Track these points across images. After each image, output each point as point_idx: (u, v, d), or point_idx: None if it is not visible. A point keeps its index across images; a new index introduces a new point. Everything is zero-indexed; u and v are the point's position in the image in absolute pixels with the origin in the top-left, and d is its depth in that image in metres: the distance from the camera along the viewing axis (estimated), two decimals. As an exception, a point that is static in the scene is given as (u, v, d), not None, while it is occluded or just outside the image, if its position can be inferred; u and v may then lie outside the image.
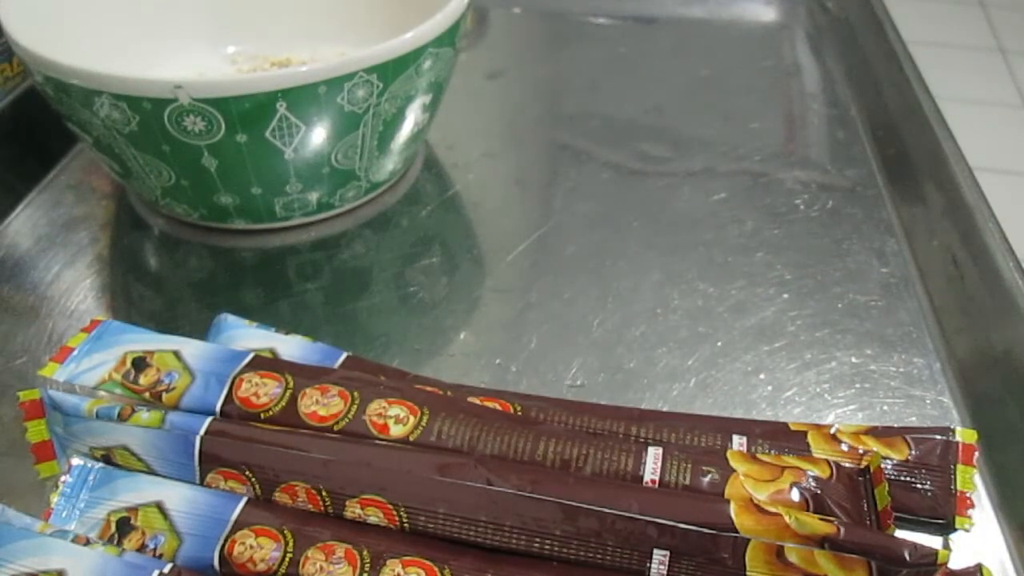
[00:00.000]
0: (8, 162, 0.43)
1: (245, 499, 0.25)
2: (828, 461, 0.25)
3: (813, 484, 0.24)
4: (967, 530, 0.26)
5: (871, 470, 0.25)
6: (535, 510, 0.24)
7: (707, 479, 0.25)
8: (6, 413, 0.31)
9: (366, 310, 0.34)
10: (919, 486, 0.26)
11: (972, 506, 0.26)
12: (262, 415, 0.27)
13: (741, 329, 0.34)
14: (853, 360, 0.32)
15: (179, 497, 0.25)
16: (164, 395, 0.27)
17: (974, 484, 0.26)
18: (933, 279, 0.36)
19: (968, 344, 0.33)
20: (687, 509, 0.23)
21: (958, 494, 0.26)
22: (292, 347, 0.31)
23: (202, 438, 0.26)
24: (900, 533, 0.24)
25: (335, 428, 0.26)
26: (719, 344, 0.33)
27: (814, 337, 0.34)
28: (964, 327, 0.34)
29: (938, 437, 0.27)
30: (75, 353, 0.28)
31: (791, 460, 0.25)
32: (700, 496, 0.25)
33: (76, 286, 0.37)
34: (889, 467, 0.26)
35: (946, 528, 0.26)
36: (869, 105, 0.28)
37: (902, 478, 0.26)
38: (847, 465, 0.26)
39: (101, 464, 0.27)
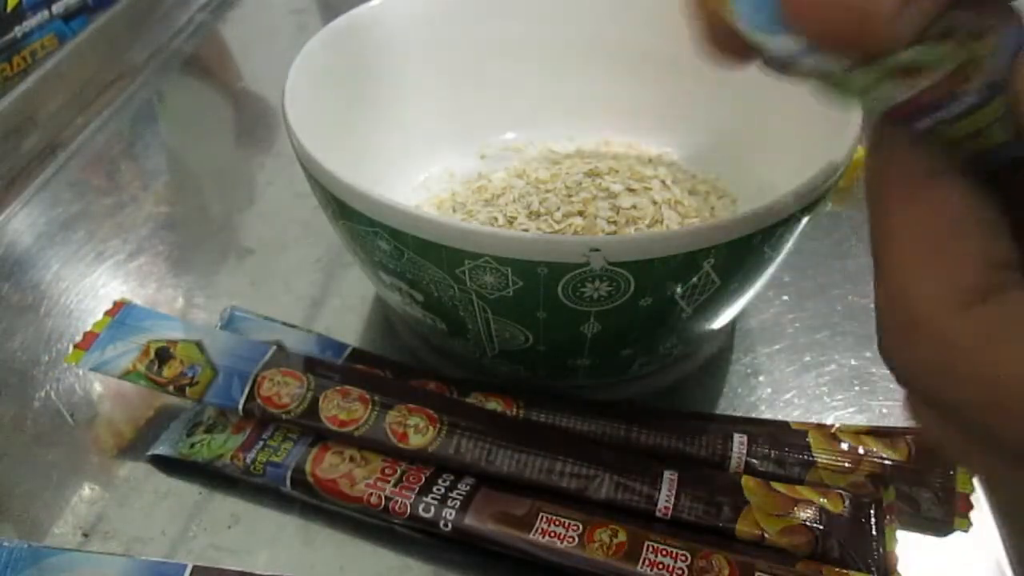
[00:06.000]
0: (7, 160, 0.43)
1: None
2: (841, 494, 0.25)
3: (824, 521, 0.24)
4: (965, 531, 0.26)
5: (883, 504, 0.25)
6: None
7: (720, 512, 0.25)
8: (5, 412, 0.31)
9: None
10: (919, 486, 0.26)
11: (971, 507, 0.26)
12: (284, 416, 0.27)
13: (740, 331, 0.34)
14: (852, 362, 0.33)
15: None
16: (188, 388, 0.28)
17: (973, 485, 0.26)
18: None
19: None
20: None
21: (957, 495, 0.26)
22: (298, 339, 0.31)
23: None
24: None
25: (355, 434, 0.26)
26: (718, 346, 0.33)
27: (813, 339, 0.34)
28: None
29: (938, 439, 0.27)
30: (100, 339, 0.29)
31: (805, 492, 0.25)
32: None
33: (75, 284, 0.37)
34: (890, 466, 0.27)
35: (945, 529, 0.26)
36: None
37: (903, 478, 0.26)
38: (861, 498, 0.25)
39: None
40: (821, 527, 0.24)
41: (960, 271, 0.14)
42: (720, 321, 0.29)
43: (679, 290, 0.25)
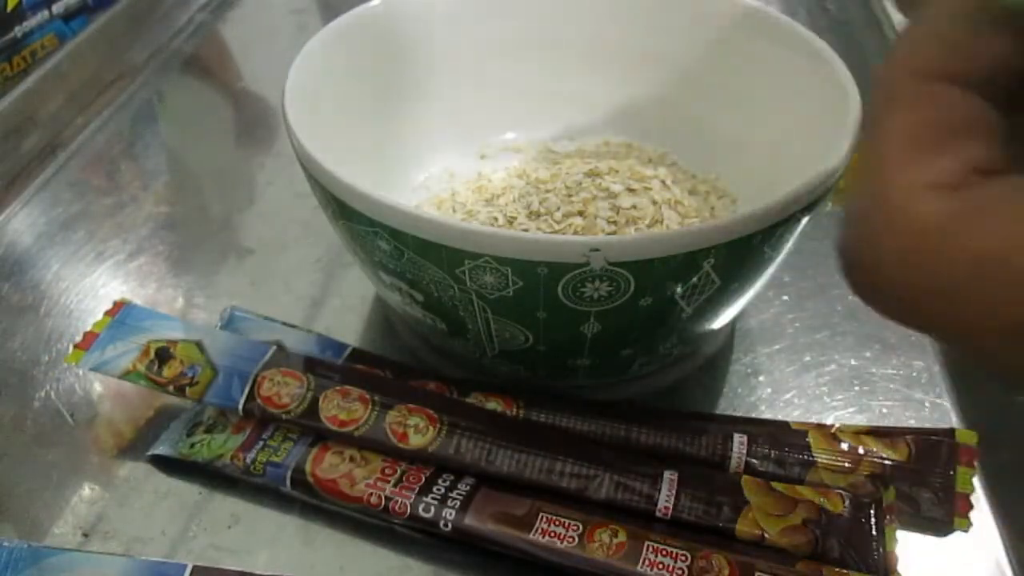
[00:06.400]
0: (7, 160, 0.43)
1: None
2: (841, 494, 0.25)
3: (824, 521, 0.25)
4: (965, 531, 0.26)
5: (883, 504, 0.25)
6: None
7: (720, 512, 0.25)
8: (5, 412, 0.31)
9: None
10: (919, 486, 0.26)
11: (971, 508, 0.26)
12: (284, 416, 0.27)
13: (740, 331, 0.34)
14: (852, 362, 0.33)
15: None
16: (188, 388, 0.28)
17: (973, 486, 0.26)
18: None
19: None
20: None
21: (957, 495, 0.26)
22: (298, 339, 0.31)
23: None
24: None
25: (355, 434, 0.26)
26: (718, 346, 0.33)
27: (813, 339, 0.34)
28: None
29: (939, 438, 0.27)
30: (100, 339, 0.29)
31: (805, 492, 0.25)
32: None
33: (75, 285, 0.37)
34: (890, 466, 0.27)
35: (945, 529, 0.26)
36: (868, 106, 0.28)
37: (903, 478, 0.26)
38: (861, 498, 0.25)
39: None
40: (821, 527, 0.24)
41: (942, 166, 0.14)
42: (720, 321, 0.29)
43: (679, 290, 0.24)
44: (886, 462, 0.27)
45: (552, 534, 0.24)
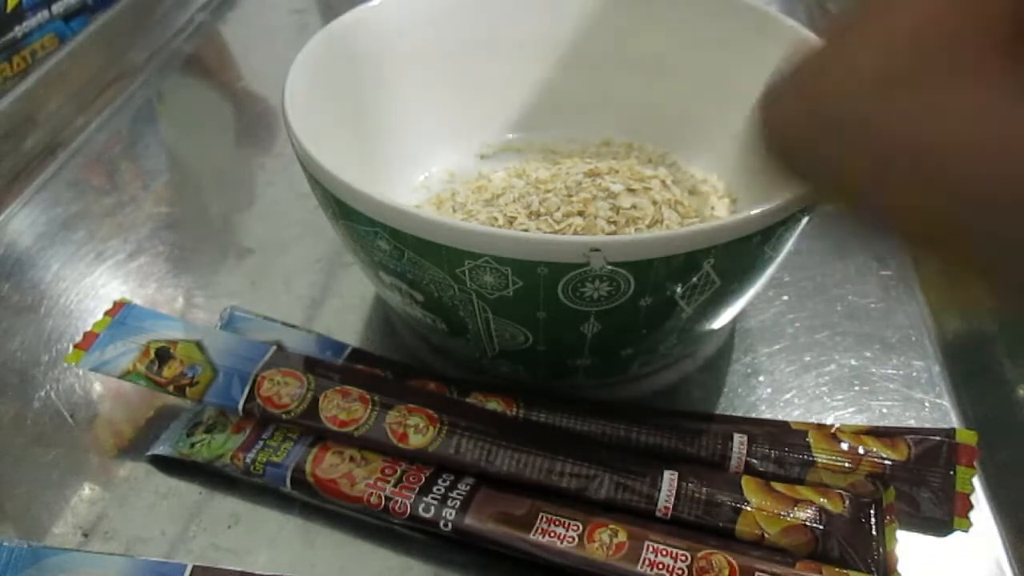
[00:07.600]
0: (7, 160, 0.43)
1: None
2: (841, 494, 0.25)
3: (824, 521, 0.25)
4: (965, 531, 0.26)
5: (883, 504, 0.25)
6: None
7: (720, 512, 0.25)
8: (5, 412, 0.31)
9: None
10: (919, 486, 0.26)
11: (971, 508, 0.26)
12: (283, 416, 0.27)
13: (740, 331, 0.34)
14: (852, 362, 0.33)
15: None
16: (188, 389, 0.28)
17: (973, 486, 0.26)
18: (932, 281, 0.36)
19: (967, 347, 0.33)
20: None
21: (957, 495, 0.26)
22: (298, 340, 0.31)
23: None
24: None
25: (355, 434, 0.26)
26: (718, 346, 0.33)
27: (813, 339, 0.34)
28: (963, 330, 0.34)
29: (939, 438, 0.27)
30: (100, 339, 0.29)
31: (805, 492, 0.25)
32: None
33: (75, 284, 0.37)
34: (890, 466, 0.27)
35: (945, 529, 0.26)
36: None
37: (903, 478, 0.26)
38: (861, 498, 0.25)
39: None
40: (821, 527, 0.24)
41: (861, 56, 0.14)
42: (720, 321, 0.29)
43: (679, 290, 0.24)
44: (886, 462, 0.27)
45: (552, 534, 0.24)
